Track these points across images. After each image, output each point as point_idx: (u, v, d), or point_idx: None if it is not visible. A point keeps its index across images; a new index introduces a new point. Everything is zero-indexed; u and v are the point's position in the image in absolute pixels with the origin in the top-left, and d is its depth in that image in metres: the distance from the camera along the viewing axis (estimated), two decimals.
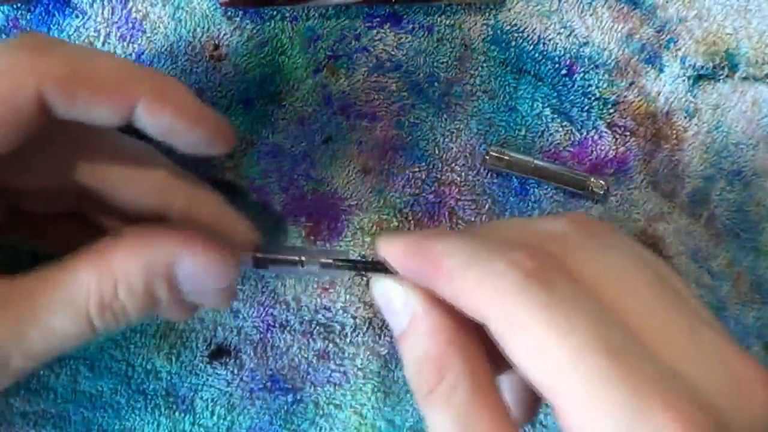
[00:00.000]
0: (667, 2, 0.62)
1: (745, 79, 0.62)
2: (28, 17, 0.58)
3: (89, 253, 0.47)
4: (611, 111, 0.62)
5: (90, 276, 0.46)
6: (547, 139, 0.62)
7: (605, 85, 0.62)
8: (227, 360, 0.62)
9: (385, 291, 0.44)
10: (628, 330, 0.37)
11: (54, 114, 0.43)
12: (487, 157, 0.60)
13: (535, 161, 0.60)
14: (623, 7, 0.61)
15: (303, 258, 0.52)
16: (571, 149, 0.62)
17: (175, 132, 0.46)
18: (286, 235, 0.62)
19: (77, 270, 0.46)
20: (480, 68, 0.62)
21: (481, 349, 0.42)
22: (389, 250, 0.44)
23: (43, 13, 0.58)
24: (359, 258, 0.57)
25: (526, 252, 0.39)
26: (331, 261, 0.51)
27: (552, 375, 0.36)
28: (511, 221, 0.53)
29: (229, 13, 0.59)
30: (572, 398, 0.35)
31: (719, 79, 0.62)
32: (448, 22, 0.61)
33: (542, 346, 0.36)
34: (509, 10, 0.61)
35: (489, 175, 0.62)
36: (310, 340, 0.62)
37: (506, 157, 0.59)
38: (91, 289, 0.46)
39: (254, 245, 0.53)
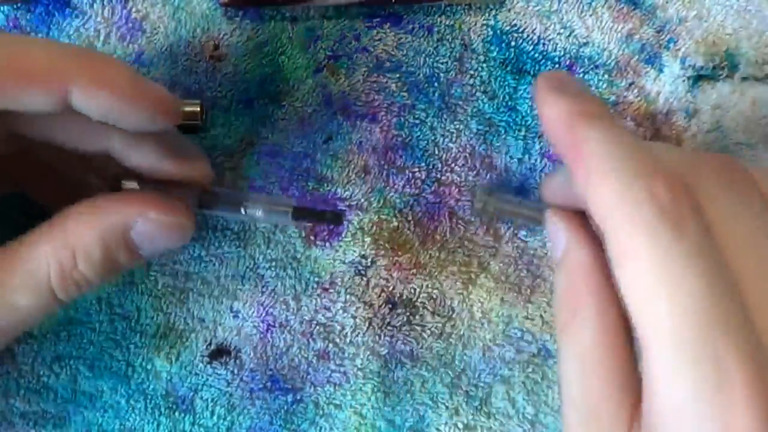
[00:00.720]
0: (667, 2, 0.61)
1: (745, 79, 0.61)
2: (28, 17, 0.57)
3: (45, 226, 0.46)
4: (611, 111, 0.61)
5: (48, 249, 0.45)
6: (547, 140, 0.61)
7: (605, 86, 0.61)
8: (227, 360, 0.61)
9: (549, 222, 0.46)
10: (736, 292, 0.36)
11: None
12: (476, 205, 0.57)
13: (524, 209, 0.55)
14: (623, 8, 0.60)
15: (246, 201, 0.52)
16: None
17: (114, 113, 0.44)
18: (285, 236, 0.61)
19: (35, 244, 0.46)
20: (480, 68, 0.61)
21: (617, 299, 0.41)
22: (549, 107, 0.42)
23: (43, 13, 0.57)
24: (304, 206, 0.54)
25: (666, 182, 0.38)
26: (274, 208, 0.52)
27: (650, 322, 0.35)
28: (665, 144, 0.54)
29: (229, 13, 0.58)
30: (661, 353, 0.35)
31: (719, 80, 0.61)
32: (448, 22, 0.60)
33: (652, 292, 0.36)
34: (509, 10, 0.60)
35: (489, 175, 0.61)
36: (310, 340, 0.61)
37: (491, 209, 0.56)
38: (51, 262, 0.46)
39: (208, 180, 0.52)
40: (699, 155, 0.43)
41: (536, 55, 0.61)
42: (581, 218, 0.45)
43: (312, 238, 0.61)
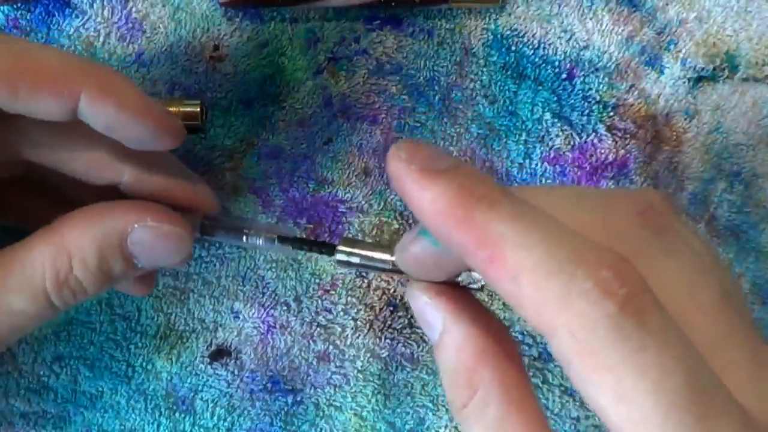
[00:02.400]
0: (667, 4, 0.59)
1: (745, 80, 0.59)
2: (28, 17, 0.56)
3: (43, 230, 0.44)
4: (611, 114, 0.59)
5: (44, 253, 0.43)
6: (548, 144, 0.59)
7: (605, 88, 0.59)
8: (227, 361, 0.59)
9: (415, 300, 0.39)
10: (705, 362, 0.32)
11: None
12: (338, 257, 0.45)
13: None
14: (623, 10, 0.58)
15: (248, 230, 0.48)
16: (571, 153, 0.59)
17: (120, 125, 0.42)
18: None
19: (32, 248, 0.44)
20: (480, 72, 0.59)
21: (515, 355, 0.38)
22: (425, 194, 0.34)
23: (43, 13, 0.56)
24: (306, 237, 0.52)
25: (613, 268, 0.31)
26: (274, 237, 0.48)
27: (632, 425, 0.30)
28: (572, 192, 0.42)
29: (229, 14, 0.56)
30: None
31: (719, 81, 0.59)
32: (448, 26, 0.58)
33: (627, 393, 0.30)
34: (509, 14, 0.58)
35: None
36: (311, 341, 0.59)
37: (355, 260, 0.45)
38: (46, 265, 0.43)
39: (213, 211, 0.49)
40: (612, 203, 0.38)
41: (536, 59, 0.59)
42: (450, 290, 0.39)
43: (313, 239, 0.58)
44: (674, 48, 0.58)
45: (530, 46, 0.58)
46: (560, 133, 0.59)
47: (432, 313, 0.38)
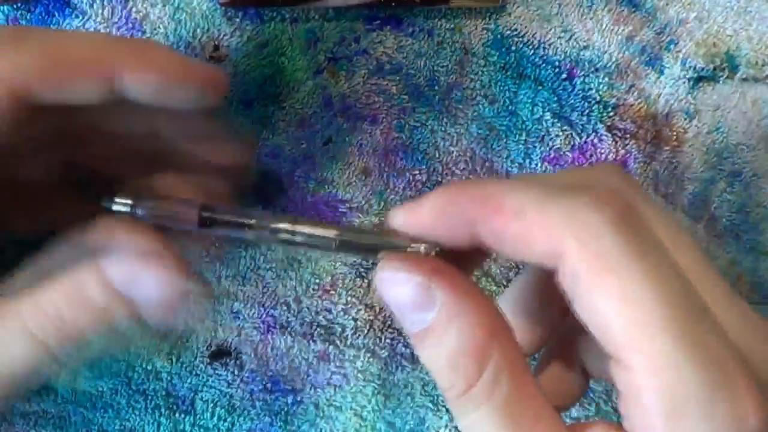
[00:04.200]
0: (667, 4, 0.58)
1: (745, 80, 0.59)
2: (28, 17, 0.55)
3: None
4: (611, 114, 0.59)
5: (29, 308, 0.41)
6: (548, 144, 0.59)
7: (605, 88, 0.59)
8: (227, 361, 0.59)
9: (395, 282, 0.37)
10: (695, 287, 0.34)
11: (38, 102, 0.40)
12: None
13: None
14: (623, 10, 0.58)
15: (252, 222, 0.42)
16: (571, 153, 0.59)
17: (166, 93, 0.42)
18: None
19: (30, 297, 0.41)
20: (480, 72, 0.58)
21: (512, 332, 0.37)
22: (420, 209, 0.38)
23: (43, 13, 0.55)
24: (327, 231, 0.41)
25: (608, 189, 0.35)
26: (288, 229, 0.41)
27: (637, 328, 0.32)
28: (560, 172, 0.47)
29: (229, 14, 0.56)
30: (654, 357, 0.32)
31: (719, 81, 0.59)
32: (448, 26, 0.58)
33: (631, 293, 0.32)
34: (509, 14, 0.58)
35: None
36: (311, 341, 0.59)
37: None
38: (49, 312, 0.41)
39: (216, 193, 0.47)
40: (600, 172, 0.40)
41: (536, 59, 0.58)
42: (440, 264, 0.38)
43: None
44: (674, 48, 0.58)
45: (530, 46, 0.58)
46: (560, 133, 0.58)
47: (423, 295, 0.36)
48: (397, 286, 0.37)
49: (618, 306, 0.32)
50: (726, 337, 0.32)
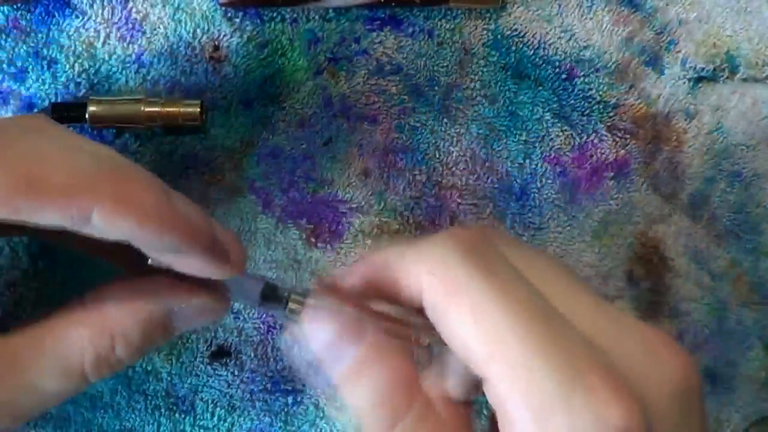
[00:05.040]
0: (667, 5, 0.58)
1: (745, 80, 0.59)
2: (28, 17, 0.55)
3: (78, 310, 0.43)
4: (611, 114, 0.59)
5: (83, 335, 0.42)
6: (548, 144, 0.59)
7: (605, 89, 0.59)
8: (228, 361, 0.59)
9: (322, 332, 0.40)
10: (544, 296, 0.36)
11: None
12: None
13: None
14: (623, 10, 0.58)
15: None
16: (571, 153, 0.59)
17: (138, 239, 0.39)
18: (286, 237, 0.58)
19: (68, 329, 0.42)
20: (480, 73, 0.58)
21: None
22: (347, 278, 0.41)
23: (43, 13, 0.55)
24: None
25: (464, 228, 0.40)
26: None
27: (489, 339, 0.34)
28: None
29: (229, 14, 0.56)
30: (509, 364, 0.34)
31: (719, 81, 0.59)
32: (448, 26, 0.58)
33: (482, 309, 0.35)
34: (509, 14, 0.58)
35: (490, 180, 0.59)
36: None
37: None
38: (86, 347, 0.42)
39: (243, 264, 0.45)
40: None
41: (537, 59, 0.58)
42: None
43: (313, 240, 0.58)
44: (674, 48, 0.58)
45: (530, 46, 0.58)
46: (560, 133, 0.58)
47: (341, 345, 0.39)
48: (316, 334, 0.40)
49: (471, 324, 0.34)
50: (578, 336, 0.34)
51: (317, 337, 0.39)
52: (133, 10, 0.55)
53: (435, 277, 0.36)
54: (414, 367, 0.38)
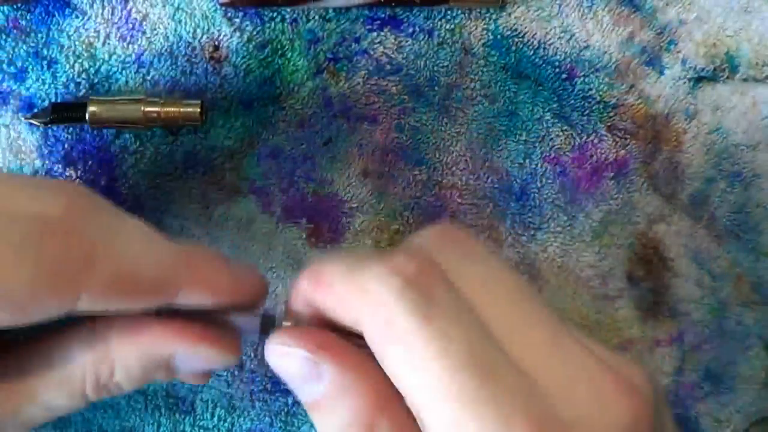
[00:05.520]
0: (667, 5, 0.58)
1: (745, 80, 0.59)
2: (28, 17, 0.55)
3: (85, 332, 0.43)
4: (611, 114, 0.59)
5: (86, 358, 0.43)
6: (548, 144, 0.59)
7: (605, 89, 0.58)
8: None
9: (283, 354, 0.39)
10: (495, 340, 0.36)
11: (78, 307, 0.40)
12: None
13: None
14: (623, 11, 0.58)
15: None
16: (571, 153, 0.59)
17: (210, 306, 0.44)
18: (286, 237, 0.58)
19: (72, 349, 0.43)
20: (480, 73, 0.58)
21: (403, 403, 0.38)
22: (293, 300, 0.41)
23: (43, 13, 0.55)
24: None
25: (406, 255, 0.37)
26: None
27: (424, 391, 0.34)
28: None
29: (229, 14, 0.56)
30: (442, 417, 0.34)
31: (719, 81, 0.59)
32: (448, 26, 0.57)
33: (418, 360, 0.34)
34: (509, 14, 0.58)
35: (490, 180, 0.59)
36: None
37: None
38: (87, 370, 0.43)
39: (262, 301, 0.47)
40: (419, 234, 0.42)
41: (537, 59, 0.58)
42: (329, 338, 0.40)
43: (313, 240, 0.58)
44: (674, 48, 0.58)
45: (530, 47, 0.58)
46: (560, 133, 0.58)
47: (311, 369, 0.38)
48: (285, 358, 0.39)
49: (408, 373, 0.34)
50: (517, 387, 0.34)
51: (284, 370, 0.39)
52: (133, 10, 0.55)
53: (373, 318, 0.36)
54: (390, 383, 0.37)
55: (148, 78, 0.55)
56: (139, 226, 0.43)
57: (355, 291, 0.36)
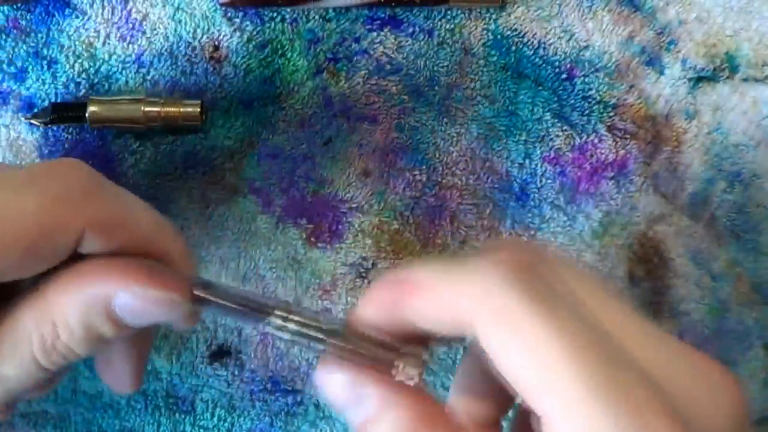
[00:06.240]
0: (667, 5, 0.58)
1: (745, 80, 0.59)
2: (28, 17, 0.55)
3: (30, 293, 0.41)
4: (611, 114, 0.59)
5: (29, 320, 0.41)
6: (548, 144, 0.59)
7: (605, 89, 0.58)
8: (227, 361, 0.59)
9: (328, 381, 0.39)
10: (607, 331, 0.34)
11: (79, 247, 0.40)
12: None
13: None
14: (623, 10, 0.58)
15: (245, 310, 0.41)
16: (571, 153, 0.59)
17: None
18: (286, 237, 0.58)
19: (19, 313, 0.41)
20: (480, 73, 0.58)
21: (444, 413, 0.38)
22: (365, 311, 0.38)
23: (43, 13, 0.55)
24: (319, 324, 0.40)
25: (508, 250, 0.35)
26: (279, 324, 0.40)
27: (546, 377, 0.32)
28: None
29: (229, 14, 0.56)
30: (565, 402, 0.32)
31: (719, 81, 0.59)
32: (448, 26, 0.57)
33: (536, 343, 0.32)
34: (509, 14, 0.58)
35: (490, 180, 0.59)
36: None
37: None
38: (32, 332, 0.41)
39: (192, 277, 0.43)
40: (496, 252, 0.38)
41: (537, 59, 0.58)
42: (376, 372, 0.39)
43: (313, 240, 0.58)
44: (674, 48, 0.58)
45: (530, 47, 0.58)
46: (560, 133, 0.58)
47: (352, 392, 0.37)
48: (330, 384, 0.38)
49: (528, 361, 0.32)
50: (635, 371, 0.32)
51: (333, 390, 0.38)
52: (133, 10, 0.55)
53: (488, 310, 0.33)
54: (433, 400, 0.37)
55: (148, 78, 0.55)
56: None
57: (463, 287, 0.34)
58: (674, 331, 0.59)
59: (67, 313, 0.40)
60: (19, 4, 0.54)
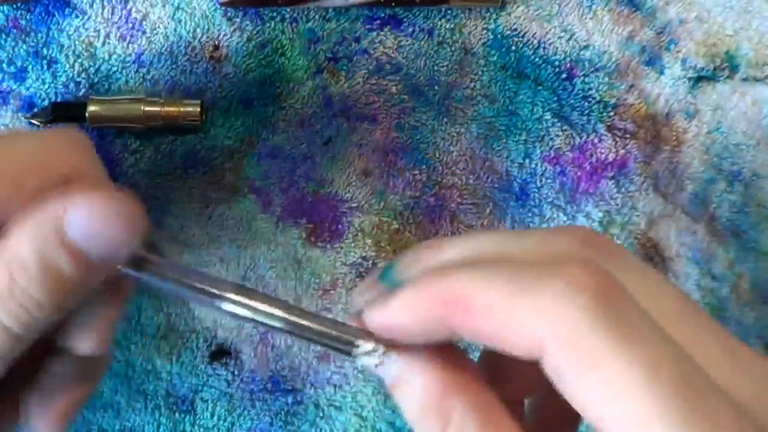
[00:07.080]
0: (667, 4, 0.58)
1: (745, 80, 0.59)
2: (28, 17, 0.55)
3: None
4: (611, 114, 0.59)
5: None
6: (548, 144, 0.59)
7: (605, 88, 0.58)
8: (227, 361, 0.59)
9: (373, 357, 0.37)
10: (684, 351, 0.31)
11: None
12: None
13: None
14: (623, 10, 0.58)
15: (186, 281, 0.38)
16: (571, 153, 0.59)
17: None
18: (286, 237, 0.58)
19: None
20: (480, 72, 0.58)
21: (480, 377, 0.36)
22: (392, 311, 0.36)
23: (43, 13, 0.55)
24: (273, 309, 0.38)
25: (580, 267, 0.32)
26: (232, 299, 0.38)
27: (629, 422, 0.30)
28: (520, 234, 0.41)
29: (229, 14, 0.56)
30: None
31: (719, 81, 0.59)
32: (448, 25, 0.58)
33: (621, 387, 0.30)
34: (509, 14, 0.58)
35: (489, 179, 0.58)
36: None
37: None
38: None
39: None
40: (561, 235, 0.37)
41: (536, 59, 0.58)
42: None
43: (313, 239, 0.58)
44: (674, 48, 0.58)
45: (530, 46, 0.58)
46: (560, 133, 0.58)
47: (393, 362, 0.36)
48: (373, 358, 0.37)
49: (608, 402, 0.30)
50: (725, 403, 0.30)
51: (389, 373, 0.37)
52: (133, 9, 0.55)
53: (564, 344, 0.31)
54: (462, 369, 0.36)
55: (148, 78, 0.55)
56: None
57: (532, 317, 0.32)
58: None
59: (18, 249, 0.36)
60: (19, 4, 0.54)
